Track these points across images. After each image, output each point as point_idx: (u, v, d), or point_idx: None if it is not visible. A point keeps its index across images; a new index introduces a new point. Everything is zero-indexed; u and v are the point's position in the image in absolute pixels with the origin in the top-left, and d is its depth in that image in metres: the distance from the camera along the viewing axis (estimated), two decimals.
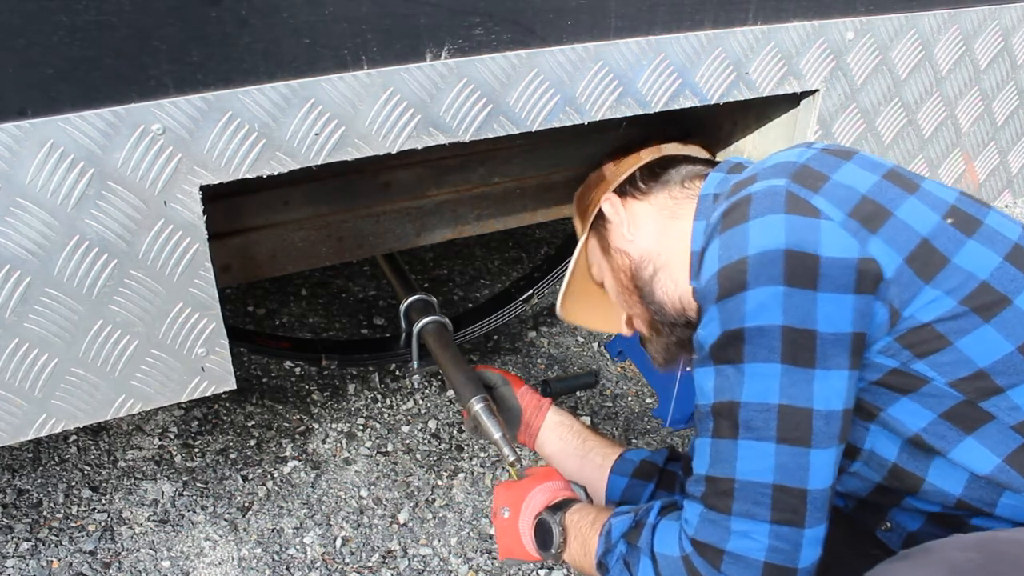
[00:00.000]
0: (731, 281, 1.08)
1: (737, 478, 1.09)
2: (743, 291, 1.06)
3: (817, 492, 1.08)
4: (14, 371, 1.23)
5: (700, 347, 1.15)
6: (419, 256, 3.17)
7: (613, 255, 1.45)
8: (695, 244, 1.31)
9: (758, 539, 1.08)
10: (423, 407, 2.43)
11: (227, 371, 1.39)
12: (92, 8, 1.07)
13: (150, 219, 1.22)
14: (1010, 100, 1.92)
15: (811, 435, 1.06)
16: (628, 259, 1.42)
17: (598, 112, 1.47)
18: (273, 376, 2.55)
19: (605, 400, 2.50)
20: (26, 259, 1.17)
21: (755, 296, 1.06)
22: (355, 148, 1.31)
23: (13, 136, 1.09)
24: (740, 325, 1.07)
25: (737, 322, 1.07)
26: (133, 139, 1.16)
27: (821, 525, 1.10)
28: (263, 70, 1.20)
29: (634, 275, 1.41)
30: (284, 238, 1.84)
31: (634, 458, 1.60)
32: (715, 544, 1.11)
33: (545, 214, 2.16)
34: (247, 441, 2.29)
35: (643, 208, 1.44)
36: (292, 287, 2.96)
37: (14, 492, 2.10)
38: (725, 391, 1.10)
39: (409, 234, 1.99)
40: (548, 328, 2.81)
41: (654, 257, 1.39)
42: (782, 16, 1.55)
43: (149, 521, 2.04)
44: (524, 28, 1.34)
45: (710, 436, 1.13)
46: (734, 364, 1.09)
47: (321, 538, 2.02)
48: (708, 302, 1.12)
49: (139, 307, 1.27)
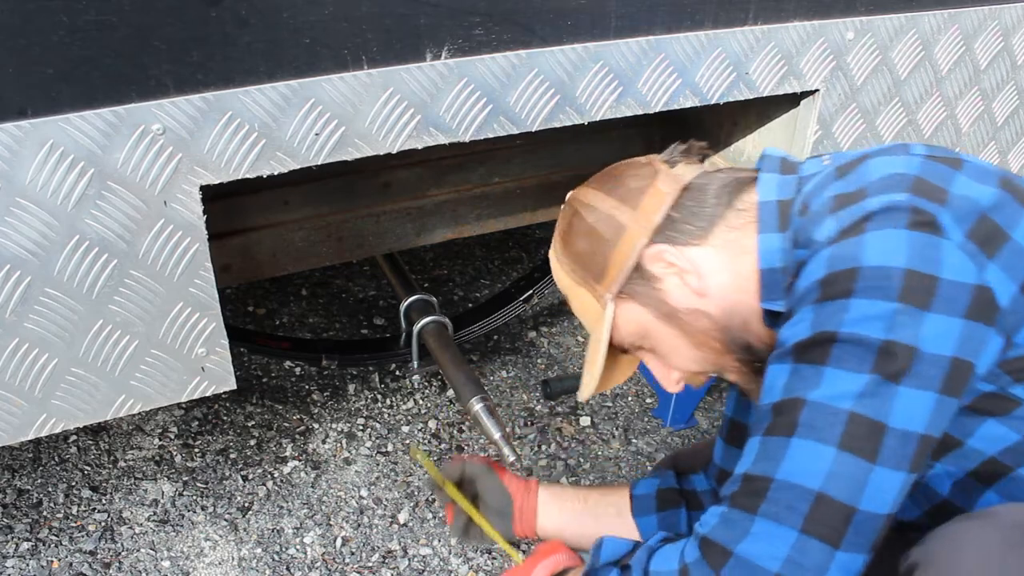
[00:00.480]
0: (836, 287, 0.99)
1: (776, 478, 0.98)
2: (848, 298, 0.98)
3: (866, 516, 0.96)
4: (14, 371, 1.23)
5: (781, 344, 1.05)
6: (419, 256, 3.17)
7: (682, 318, 1.19)
8: (768, 261, 1.15)
9: (777, 546, 0.97)
10: (423, 407, 2.43)
11: (227, 371, 1.39)
12: (92, 8, 1.07)
13: (150, 219, 1.22)
14: (1010, 100, 1.92)
15: (879, 450, 0.95)
16: (708, 319, 1.19)
17: (598, 112, 1.47)
18: (273, 376, 2.55)
19: (605, 400, 2.50)
20: (26, 259, 1.17)
21: (861, 307, 0.98)
22: (355, 148, 1.31)
23: (13, 136, 1.09)
24: (836, 329, 0.98)
25: (834, 326, 0.98)
26: (133, 139, 1.16)
27: (859, 555, 0.97)
28: (263, 70, 1.20)
29: (722, 333, 1.19)
30: (284, 238, 1.85)
31: (648, 492, 1.52)
32: (725, 544, 1.00)
33: (545, 214, 2.16)
34: (247, 441, 2.29)
35: (702, 254, 1.17)
36: (292, 287, 2.96)
37: (14, 492, 2.10)
38: (795, 389, 1.00)
39: (409, 234, 1.99)
40: (548, 328, 2.81)
41: (739, 307, 1.17)
42: (782, 16, 1.55)
43: (149, 521, 2.04)
44: (524, 28, 1.35)
45: (762, 434, 1.02)
46: (815, 365, 0.99)
47: (321, 538, 2.02)
48: (802, 304, 1.03)
49: (139, 307, 1.27)
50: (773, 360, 1.06)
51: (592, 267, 1.22)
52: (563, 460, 2.26)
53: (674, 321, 1.20)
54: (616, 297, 1.21)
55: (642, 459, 2.29)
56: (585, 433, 2.36)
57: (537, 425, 2.38)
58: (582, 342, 2.74)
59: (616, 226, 1.19)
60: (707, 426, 2.42)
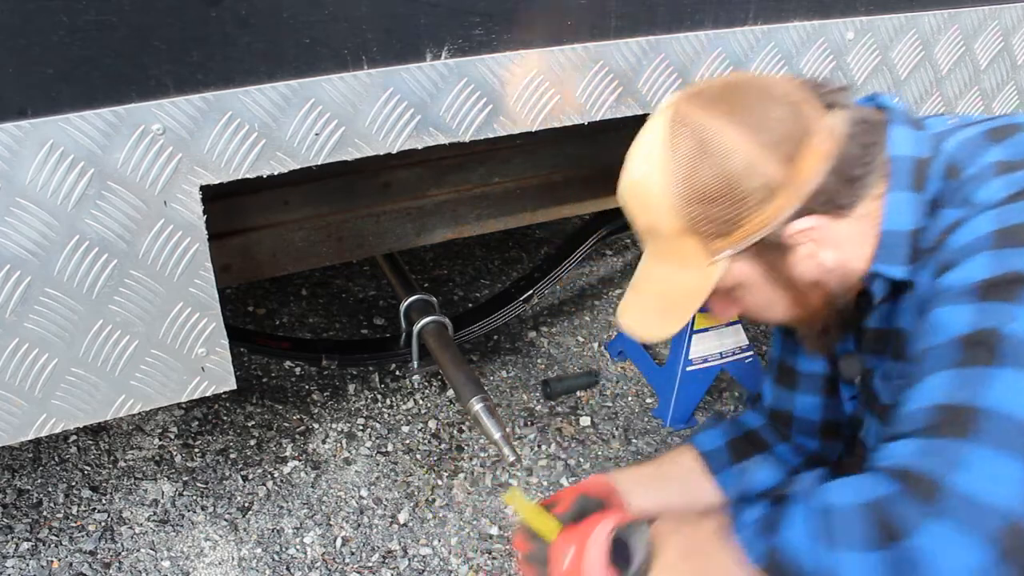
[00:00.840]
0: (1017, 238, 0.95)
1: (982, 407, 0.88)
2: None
3: None
4: (14, 371, 1.23)
5: (947, 288, 0.98)
6: (419, 256, 3.17)
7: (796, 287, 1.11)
8: (894, 222, 1.06)
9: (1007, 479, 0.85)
10: (423, 407, 2.43)
11: (227, 371, 1.39)
12: (92, 8, 1.07)
13: (150, 219, 1.22)
14: (1010, 100, 1.92)
15: None
16: (821, 290, 1.12)
17: (598, 112, 1.47)
18: (273, 376, 2.55)
19: (605, 400, 2.50)
20: (26, 259, 1.17)
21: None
22: (355, 148, 1.31)
23: (13, 136, 1.09)
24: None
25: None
26: (133, 139, 1.16)
27: None
28: (263, 70, 1.20)
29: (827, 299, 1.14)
30: (284, 238, 1.85)
31: (718, 445, 1.40)
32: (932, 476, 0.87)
33: (545, 214, 2.16)
34: (247, 441, 2.29)
35: (846, 229, 1.07)
36: (292, 287, 2.96)
37: (14, 492, 2.10)
38: (989, 321, 0.92)
39: (409, 234, 1.99)
40: (548, 328, 2.81)
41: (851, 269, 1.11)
42: (782, 16, 1.55)
43: (149, 521, 2.04)
44: (524, 28, 1.34)
45: (953, 366, 0.93)
46: (1012, 302, 0.92)
47: (321, 538, 2.02)
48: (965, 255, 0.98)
49: (139, 307, 1.27)
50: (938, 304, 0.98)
51: (717, 220, 1.04)
52: (563, 460, 2.26)
53: (785, 287, 1.11)
54: (736, 256, 1.07)
55: (642, 459, 2.29)
56: (585, 433, 2.36)
57: (537, 425, 2.38)
58: (582, 342, 2.74)
59: (765, 185, 1.01)
60: None
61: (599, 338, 2.76)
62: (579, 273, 3.09)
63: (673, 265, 1.11)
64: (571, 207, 2.19)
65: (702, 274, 1.08)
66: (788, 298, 1.13)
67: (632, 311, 1.19)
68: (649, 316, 1.16)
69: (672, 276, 1.12)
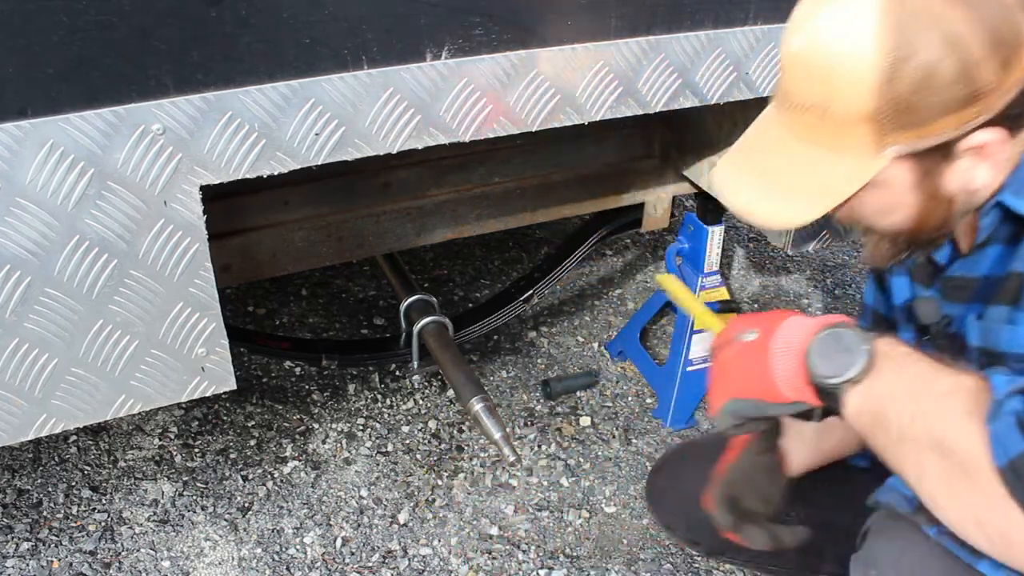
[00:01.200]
0: None
1: None
2: None
3: None
4: (14, 371, 1.23)
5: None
6: (419, 256, 3.17)
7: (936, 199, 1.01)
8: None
9: None
10: (423, 407, 2.43)
11: (227, 371, 1.39)
12: (92, 8, 1.07)
13: (150, 219, 1.22)
14: None
15: None
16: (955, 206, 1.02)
17: (598, 112, 1.47)
18: (273, 376, 2.55)
19: (605, 400, 2.50)
20: (26, 259, 1.17)
21: None
22: (355, 148, 1.31)
23: (13, 136, 1.09)
24: None
25: None
26: (133, 139, 1.16)
27: None
28: (263, 70, 1.20)
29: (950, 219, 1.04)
30: (284, 238, 1.85)
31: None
32: None
33: (545, 214, 2.16)
34: (247, 441, 2.29)
35: (1008, 151, 0.98)
36: (292, 287, 2.96)
37: (14, 492, 2.10)
38: None
39: (409, 234, 1.99)
40: (548, 328, 2.81)
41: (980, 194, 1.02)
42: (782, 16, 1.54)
43: (149, 521, 2.04)
44: (524, 28, 1.34)
45: None
46: None
47: (321, 538, 2.02)
48: None
49: (139, 307, 1.27)
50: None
51: (912, 111, 0.92)
52: (563, 460, 2.26)
53: (925, 196, 1.01)
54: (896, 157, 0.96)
55: (642, 459, 2.29)
56: (585, 433, 2.36)
57: (537, 425, 2.38)
58: (582, 342, 2.74)
59: (977, 87, 0.91)
60: (707, 426, 2.42)
61: (599, 338, 2.76)
62: (579, 273, 3.09)
63: (822, 149, 0.99)
64: (571, 207, 2.20)
65: (860, 164, 0.97)
66: (917, 208, 1.02)
67: (749, 193, 1.05)
68: (776, 199, 1.03)
69: (820, 160, 1.00)
